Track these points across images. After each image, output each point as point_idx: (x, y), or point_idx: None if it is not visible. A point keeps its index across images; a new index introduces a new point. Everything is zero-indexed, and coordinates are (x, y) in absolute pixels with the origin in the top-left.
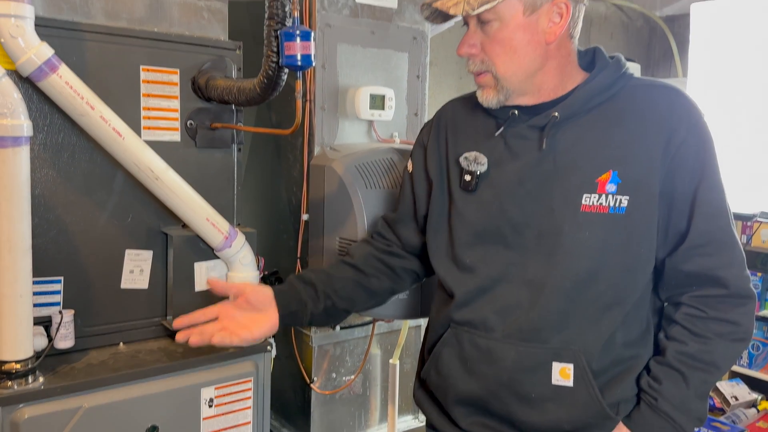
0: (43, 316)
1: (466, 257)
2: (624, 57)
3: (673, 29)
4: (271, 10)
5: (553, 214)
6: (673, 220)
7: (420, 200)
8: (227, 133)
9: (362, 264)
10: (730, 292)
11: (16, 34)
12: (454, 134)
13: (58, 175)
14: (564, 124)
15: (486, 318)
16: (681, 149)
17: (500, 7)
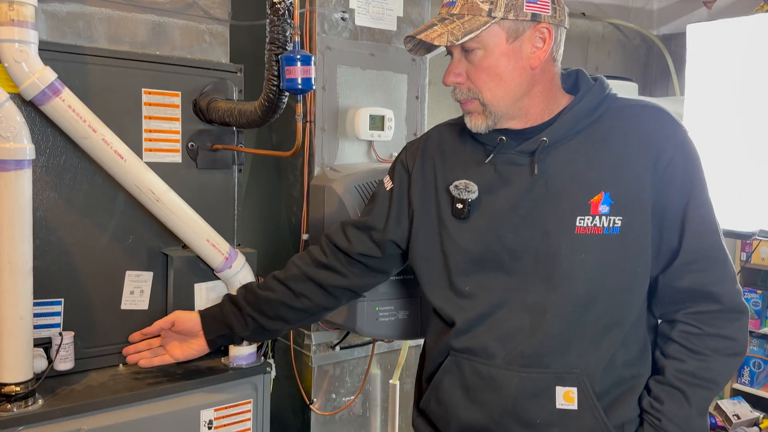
0: (43, 338)
1: (464, 285)
2: (621, 75)
3: (670, 48)
4: (272, 35)
5: (549, 238)
6: (665, 237)
7: (392, 222)
8: (228, 155)
9: (293, 283)
10: (724, 307)
11: (19, 59)
12: (442, 161)
13: (59, 197)
14: (553, 148)
15: (487, 345)
16: (669, 167)
17: (483, 35)
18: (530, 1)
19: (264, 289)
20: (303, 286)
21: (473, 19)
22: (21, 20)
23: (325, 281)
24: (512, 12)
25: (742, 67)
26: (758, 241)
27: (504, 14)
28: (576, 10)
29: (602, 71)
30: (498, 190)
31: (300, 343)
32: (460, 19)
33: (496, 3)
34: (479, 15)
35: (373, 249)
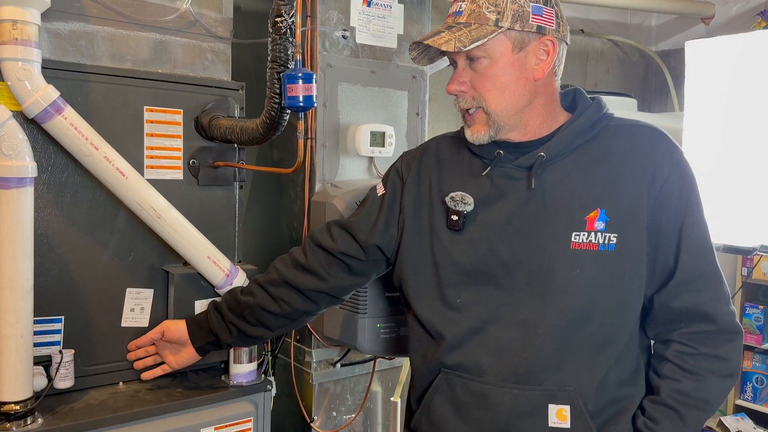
0: (43, 356)
1: (456, 297)
2: (620, 91)
3: (669, 64)
4: (274, 54)
5: (544, 253)
6: (660, 256)
7: (380, 227)
8: (229, 171)
9: (272, 288)
10: (719, 328)
11: (23, 77)
12: (438, 172)
13: (60, 215)
14: (550, 164)
15: (479, 361)
16: (665, 187)
17: (490, 44)
18: (536, 13)
19: (245, 294)
20: (282, 290)
21: (480, 27)
22: (24, 39)
23: (303, 285)
24: (519, 23)
25: (740, 83)
26: (759, 257)
27: (510, 24)
28: (575, 27)
29: (601, 87)
30: (494, 203)
31: (301, 361)
32: (467, 27)
33: (503, 13)
34: (486, 24)
35: (357, 250)
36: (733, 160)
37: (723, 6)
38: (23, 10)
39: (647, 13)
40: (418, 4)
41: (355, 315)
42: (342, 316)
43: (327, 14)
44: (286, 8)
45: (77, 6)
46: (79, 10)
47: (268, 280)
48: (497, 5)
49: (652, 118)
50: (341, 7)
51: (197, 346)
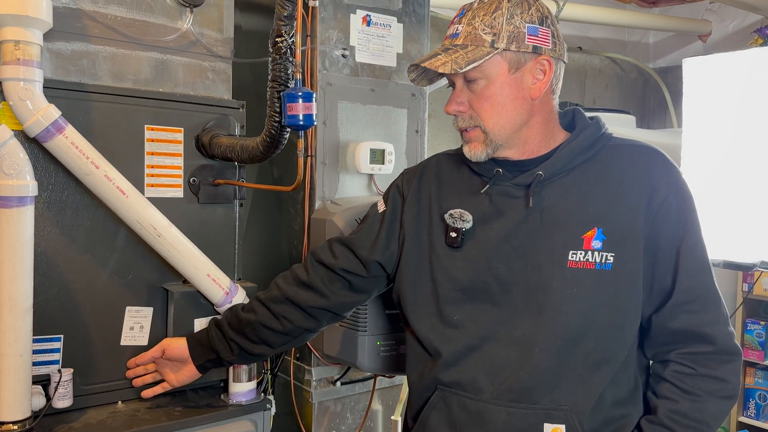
0: (42, 375)
1: (453, 314)
2: (619, 108)
3: (667, 80)
4: (275, 73)
5: (541, 271)
6: (658, 277)
7: (381, 244)
8: (229, 189)
9: (273, 305)
10: (718, 349)
11: (24, 97)
12: (438, 189)
13: (61, 233)
14: (548, 182)
15: (475, 378)
16: (663, 207)
17: (486, 65)
18: (531, 34)
19: (246, 311)
20: (283, 307)
21: (476, 49)
22: (26, 59)
23: (305, 302)
24: (514, 44)
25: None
26: (759, 272)
27: (506, 45)
28: (573, 45)
29: (599, 104)
30: (492, 221)
31: (300, 379)
32: (464, 49)
33: (499, 35)
34: (482, 46)
35: (359, 267)
36: (732, 176)
37: (720, 23)
38: (25, 30)
39: (645, 31)
40: (417, 23)
41: (355, 332)
42: (342, 334)
43: (327, 34)
44: (286, 28)
45: (79, 26)
46: (81, 30)
47: (270, 297)
48: (493, 27)
49: (650, 135)
50: (341, 26)
51: (198, 364)
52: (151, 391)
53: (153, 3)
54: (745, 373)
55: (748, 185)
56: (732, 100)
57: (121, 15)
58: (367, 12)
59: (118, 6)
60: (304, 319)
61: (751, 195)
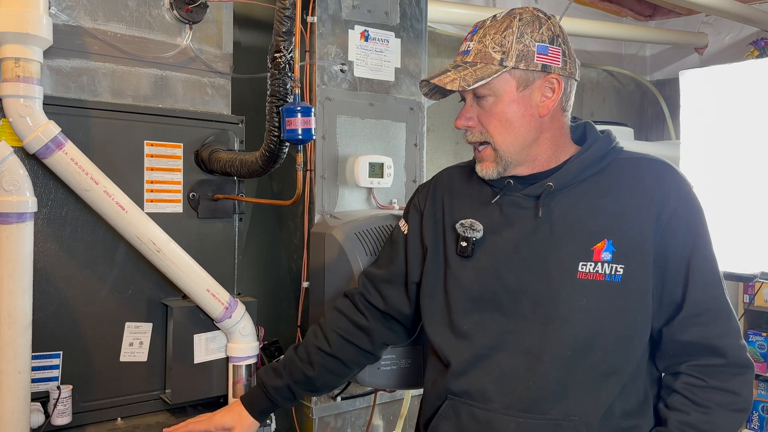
0: (41, 392)
1: (462, 323)
2: (617, 121)
3: (664, 93)
4: (273, 88)
5: (550, 282)
6: (668, 289)
7: (412, 265)
8: (229, 204)
9: (338, 351)
10: (729, 362)
11: (24, 114)
12: (450, 201)
13: (60, 249)
14: (558, 194)
15: (484, 388)
16: (672, 219)
17: (494, 82)
18: (541, 52)
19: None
20: (346, 352)
21: (485, 67)
22: (26, 76)
23: (364, 345)
24: (523, 62)
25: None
26: (760, 284)
27: (515, 64)
28: None
29: (597, 117)
30: (502, 231)
31: None
32: (473, 67)
33: (508, 53)
34: (491, 63)
35: (406, 299)
36: (731, 187)
37: (716, 36)
38: (26, 48)
39: (642, 44)
40: (415, 38)
41: None
42: None
43: (325, 49)
44: (285, 44)
45: (79, 43)
46: (81, 47)
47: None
48: (503, 45)
49: (648, 147)
50: (339, 42)
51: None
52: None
53: (152, 20)
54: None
55: (747, 196)
56: (729, 111)
57: (120, 32)
58: (365, 27)
59: (117, 23)
60: (366, 357)
61: (750, 206)
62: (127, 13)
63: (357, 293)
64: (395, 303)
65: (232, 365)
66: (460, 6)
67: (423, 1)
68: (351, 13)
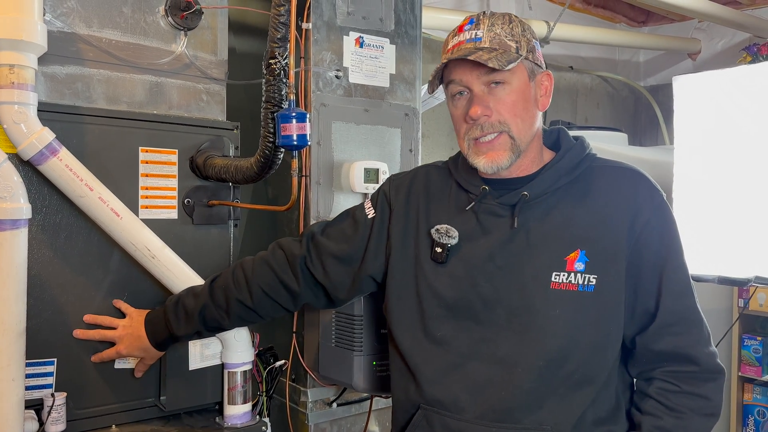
0: (35, 399)
1: (437, 330)
2: (611, 126)
3: (658, 98)
4: (268, 94)
5: (524, 291)
6: (641, 299)
7: (371, 256)
8: (224, 210)
9: (258, 306)
10: (702, 369)
11: (18, 120)
12: (426, 203)
13: (54, 256)
14: (533, 203)
15: (457, 397)
16: (645, 230)
17: (513, 69)
18: (537, 48)
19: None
20: (264, 306)
21: (506, 53)
22: (21, 83)
23: (285, 304)
24: (531, 54)
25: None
26: (755, 288)
27: (526, 54)
28: (564, 64)
29: (591, 122)
30: (478, 238)
31: (296, 401)
32: (495, 51)
33: (521, 42)
34: (509, 51)
35: (348, 280)
36: (725, 192)
37: (709, 42)
38: (20, 54)
39: (635, 50)
40: (409, 44)
41: (351, 353)
42: (337, 354)
43: (320, 55)
44: (279, 50)
45: (74, 50)
46: (76, 53)
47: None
48: (513, 35)
49: (642, 152)
50: (334, 48)
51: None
52: (97, 357)
53: (147, 26)
54: (743, 389)
55: (741, 200)
56: (722, 116)
57: (115, 38)
58: (360, 34)
59: (112, 30)
60: (276, 312)
61: (744, 210)
62: (122, 19)
63: (299, 255)
64: (336, 282)
65: (227, 372)
66: (455, 13)
67: (417, 8)
68: (346, 20)
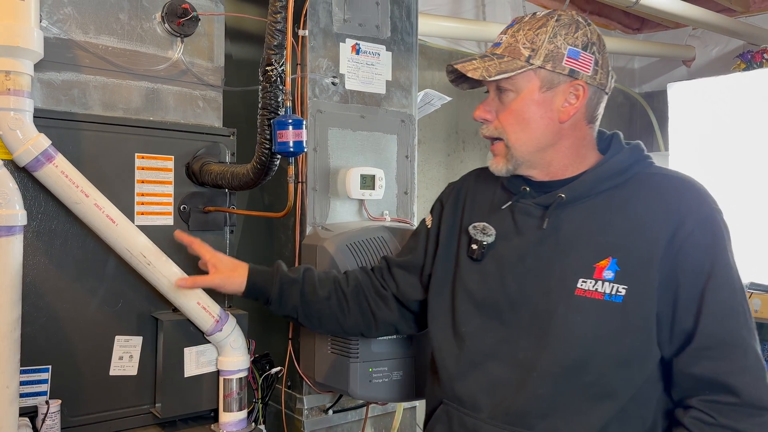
0: (29, 406)
1: (463, 326)
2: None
3: (652, 105)
4: (265, 101)
5: (549, 295)
6: (678, 317)
7: (429, 259)
8: (220, 216)
9: (352, 299)
10: (742, 401)
11: (14, 127)
12: (471, 203)
13: (50, 262)
14: (569, 206)
15: (474, 396)
16: (687, 243)
17: (517, 79)
18: (571, 56)
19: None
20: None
21: (511, 61)
22: (17, 89)
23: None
24: (550, 63)
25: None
26: (750, 294)
27: (542, 63)
28: None
29: None
30: (512, 238)
31: (292, 408)
32: (500, 59)
33: (537, 51)
34: (518, 59)
35: (419, 293)
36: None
37: (703, 49)
38: (16, 61)
39: (630, 57)
40: (405, 51)
41: (347, 359)
42: (333, 361)
43: (317, 62)
44: (276, 57)
45: (70, 56)
46: (72, 60)
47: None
48: (533, 43)
49: None
50: (330, 55)
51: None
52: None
53: (144, 33)
54: None
55: (735, 207)
56: (717, 123)
57: (112, 45)
58: (356, 41)
59: (109, 36)
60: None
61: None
62: (118, 26)
63: (377, 269)
64: (408, 292)
65: (223, 379)
66: (450, 20)
67: (414, 15)
68: (342, 27)
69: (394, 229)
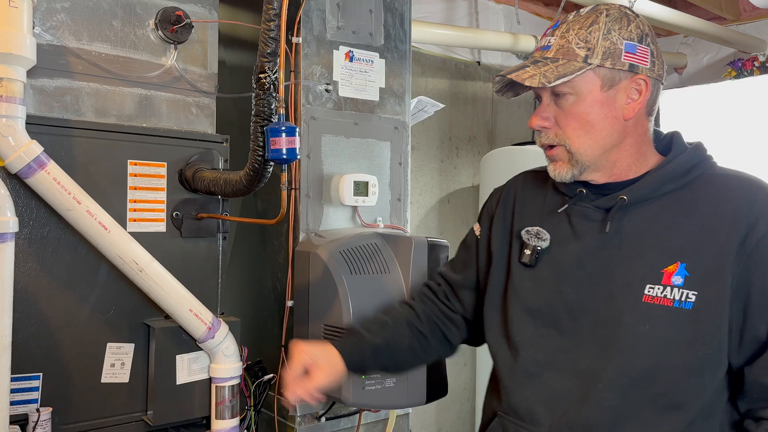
0: (20, 414)
1: (516, 335)
2: None
3: None
4: (258, 108)
5: (613, 302)
6: (750, 324)
7: (482, 271)
8: (213, 223)
9: (430, 335)
10: None
11: (6, 133)
12: (521, 207)
13: (41, 269)
14: (632, 209)
15: (532, 409)
16: (760, 246)
17: (577, 81)
18: (629, 51)
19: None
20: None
21: (568, 63)
22: (9, 96)
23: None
24: (609, 60)
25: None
26: None
27: (601, 62)
28: None
29: None
30: (568, 243)
31: (284, 415)
32: (554, 63)
33: (594, 50)
34: (574, 60)
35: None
36: None
37: (695, 57)
38: (8, 67)
39: None
40: (399, 58)
41: None
42: None
43: (310, 69)
44: (269, 65)
45: (63, 63)
46: (65, 66)
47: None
48: (588, 41)
49: None
50: (324, 62)
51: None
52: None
53: (137, 40)
54: None
55: None
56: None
57: (105, 52)
58: (349, 48)
59: (102, 43)
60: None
61: None
62: (111, 33)
63: (439, 290)
64: (473, 308)
65: (215, 386)
66: (444, 27)
67: (407, 22)
68: (336, 34)
69: (387, 235)
